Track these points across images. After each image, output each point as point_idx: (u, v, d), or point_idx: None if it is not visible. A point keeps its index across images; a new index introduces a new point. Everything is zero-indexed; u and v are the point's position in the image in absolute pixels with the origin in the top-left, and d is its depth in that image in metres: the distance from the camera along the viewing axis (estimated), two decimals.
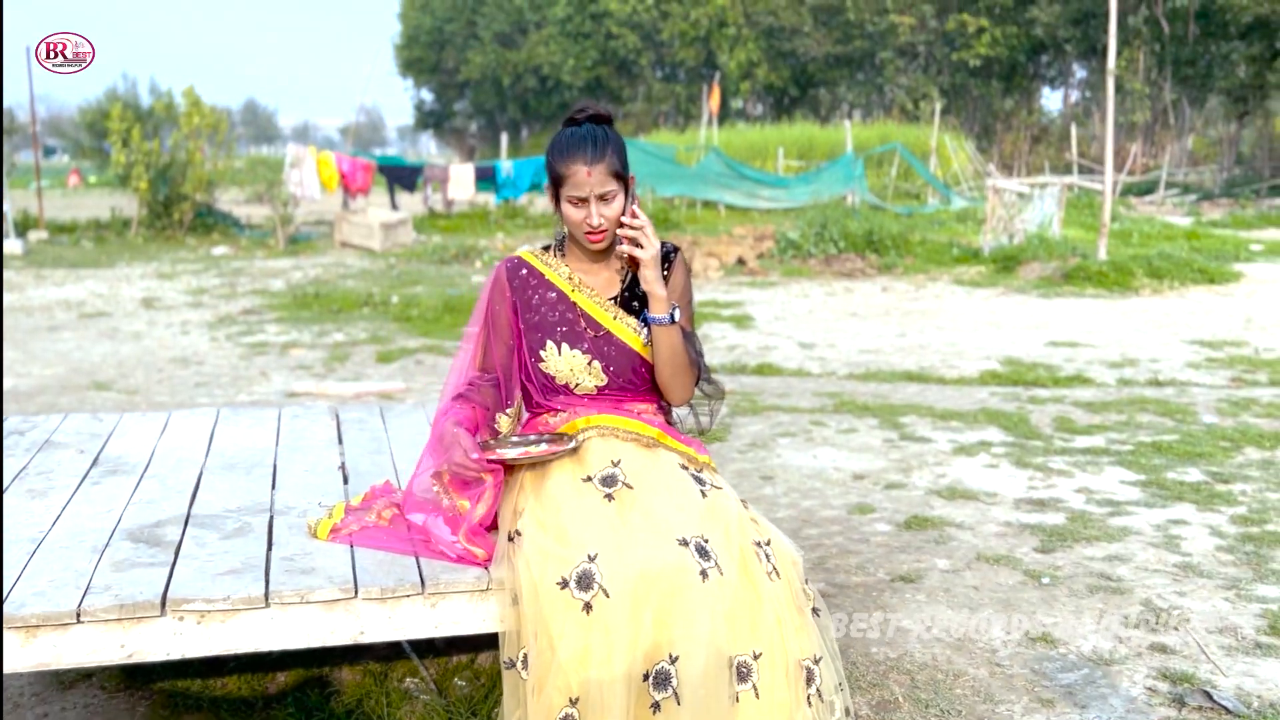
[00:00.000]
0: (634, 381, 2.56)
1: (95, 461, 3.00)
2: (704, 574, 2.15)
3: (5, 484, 2.80)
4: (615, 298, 2.57)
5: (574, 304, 2.54)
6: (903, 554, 4.05)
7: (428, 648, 3.19)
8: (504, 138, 24.67)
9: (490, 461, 2.35)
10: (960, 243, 15.13)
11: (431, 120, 60.21)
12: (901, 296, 11.48)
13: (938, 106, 26.86)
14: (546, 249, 2.63)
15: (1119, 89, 30.17)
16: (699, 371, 2.59)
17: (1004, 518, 4.45)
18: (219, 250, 16.60)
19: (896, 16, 35.65)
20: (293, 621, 2.13)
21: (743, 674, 2.14)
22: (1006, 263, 13.11)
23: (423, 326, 9.58)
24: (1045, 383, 7.14)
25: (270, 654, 2.78)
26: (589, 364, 2.52)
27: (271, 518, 2.55)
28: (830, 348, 8.53)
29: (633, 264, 2.48)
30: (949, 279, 12.67)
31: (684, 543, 2.18)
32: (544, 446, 2.41)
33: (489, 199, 20.79)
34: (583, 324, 2.53)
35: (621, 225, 2.43)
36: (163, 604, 2.06)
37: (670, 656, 2.08)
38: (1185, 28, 29.79)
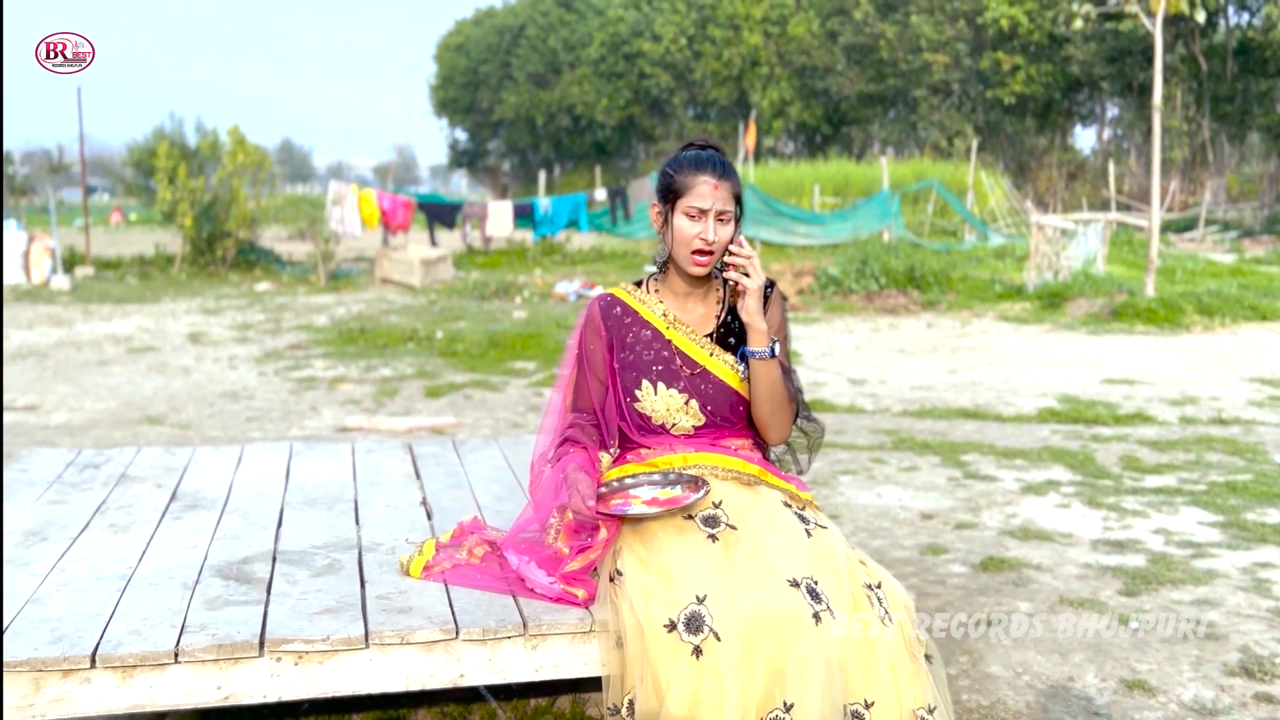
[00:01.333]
0: (731, 419, 2.49)
1: (174, 496, 2.95)
2: (816, 617, 2.06)
3: (87, 519, 2.76)
4: (711, 334, 2.50)
5: (669, 342, 2.48)
6: (982, 596, 3.94)
7: (503, 689, 3.10)
8: (542, 175, 24.79)
9: (604, 514, 2.26)
10: (1002, 279, 14.99)
11: (465, 159, 60.75)
12: (948, 333, 11.36)
13: (974, 144, 26.78)
14: (638, 284, 2.57)
15: None
16: (797, 408, 2.52)
17: (1083, 559, 4.32)
18: (261, 286, 16.72)
19: (930, 55, 35.68)
20: (392, 664, 2.06)
21: None
22: (1052, 299, 12.96)
23: (468, 362, 9.55)
24: (1106, 421, 7.00)
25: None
26: (686, 403, 2.45)
27: (360, 554, 2.49)
28: (881, 384, 8.42)
29: (736, 295, 2.41)
30: (994, 315, 12.54)
31: (795, 584, 2.10)
32: (677, 490, 2.29)
33: (526, 236, 20.87)
34: (679, 362, 2.46)
35: (730, 254, 2.37)
36: (260, 644, 2.00)
37: (785, 704, 1.99)
38: (1223, 65, 29.63)
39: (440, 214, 19.82)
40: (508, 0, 54.43)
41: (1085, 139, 41.17)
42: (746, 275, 2.36)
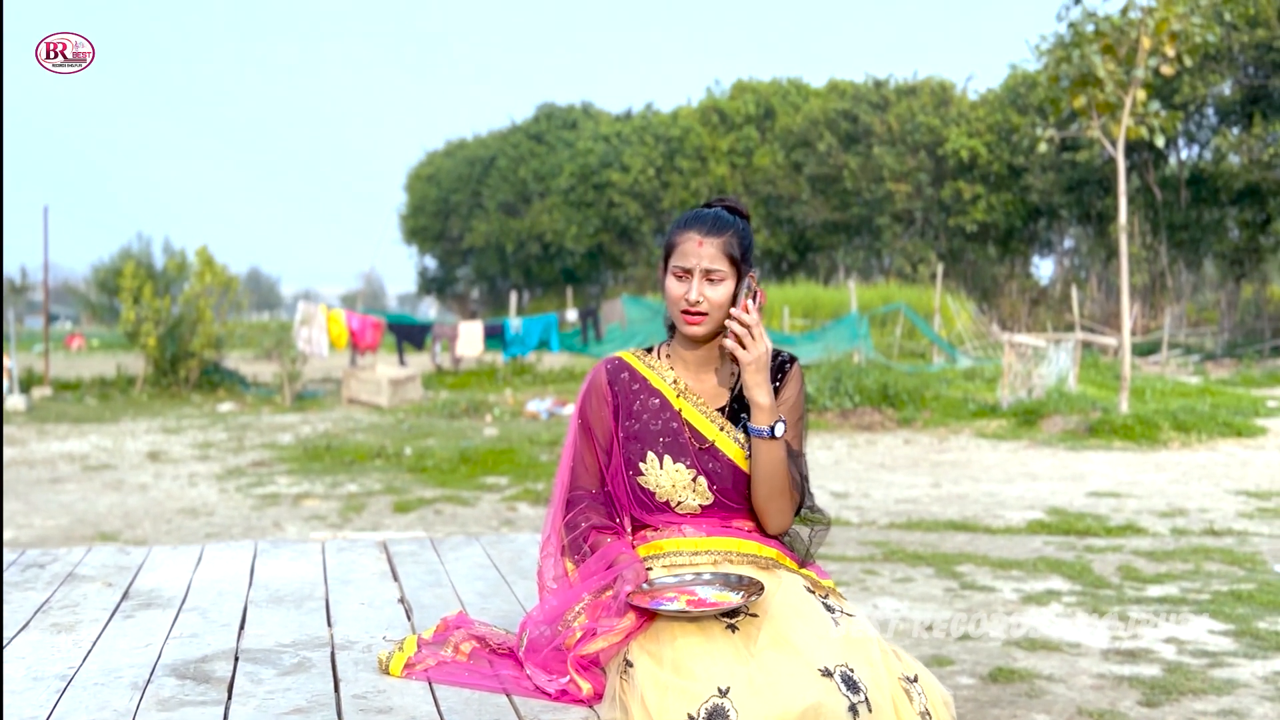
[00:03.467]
0: (739, 501, 2.28)
1: (126, 595, 2.69)
2: (854, 710, 1.83)
3: (27, 618, 2.48)
4: (723, 408, 2.30)
5: (678, 412, 2.28)
6: (995, 709, 3.69)
7: None
8: (513, 297, 24.84)
9: (636, 607, 2.01)
10: (975, 398, 14.94)
11: (434, 286, 61.03)
12: (926, 449, 11.22)
13: (939, 270, 27.22)
14: (649, 350, 2.38)
15: (1114, 253, 30.68)
16: (801, 497, 2.31)
17: (1095, 669, 4.09)
18: (225, 407, 16.39)
19: (892, 185, 36.53)
20: None
21: None
22: (1027, 416, 12.90)
23: (439, 477, 9.27)
24: (1097, 532, 6.82)
25: None
26: (693, 480, 2.24)
27: (333, 652, 2.23)
28: (865, 498, 8.22)
29: (734, 361, 2.22)
30: (970, 432, 12.44)
31: (827, 673, 1.87)
32: (734, 597, 2.02)
33: (496, 357, 20.73)
34: (687, 434, 2.26)
35: (729, 318, 2.17)
36: None
37: None
38: (1177, 195, 30.51)
39: (410, 334, 19.66)
40: (478, 132, 55.57)
41: (1044, 268, 41.99)
42: (742, 346, 2.15)
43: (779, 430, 2.19)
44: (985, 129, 34.90)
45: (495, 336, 19.22)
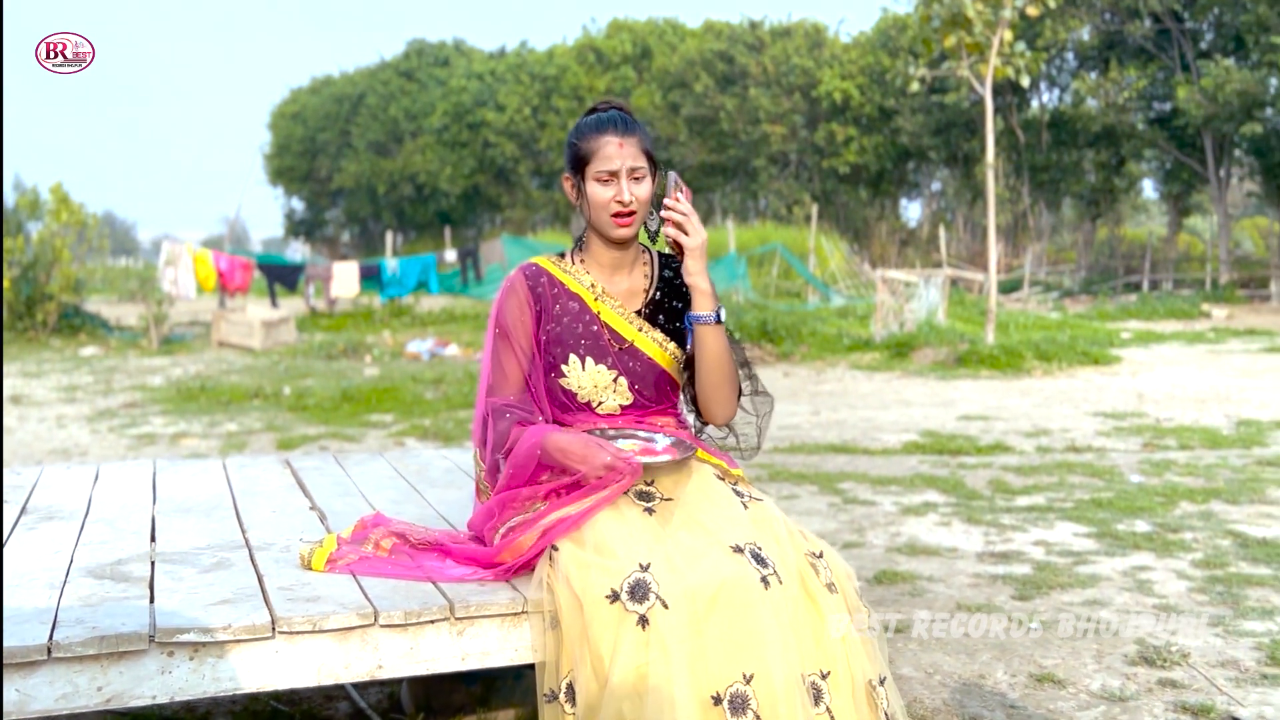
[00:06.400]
0: (657, 399, 2.37)
1: (24, 510, 2.63)
2: (765, 581, 1.94)
3: None
4: (640, 310, 2.37)
5: (596, 315, 2.33)
6: (880, 607, 3.89)
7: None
8: (389, 237, 24.39)
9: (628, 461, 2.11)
10: (850, 333, 15.38)
11: (302, 229, 59.37)
12: (805, 380, 11.54)
13: (814, 211, 27.74)
14: (561, 256, 2.43)
15: (979, 194, 31.75)
16: (739, 384, 2.41)
17: (971, 570, 4.34)
18: (88, 351, 15.75)
19: (768, 126, 36.94)
20: (301, 655, 1.83)
21: (815, 695, 1.93)
22: (899, 349, 13.36)
23: (320, 415, 9.14)
24: (969, 451, 7.16)
25: None
26: (614, 380, 2.31)
27: (251, 553, 2.24)
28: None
29: (677, 250, 2.25)
30: (846, 365, 12.82)
31: (738, 549, 1.98)
32: (665, 454, 2.19)
33: (373, 299, 20.38)
34: (606, 336, 2.32)
35: (665, 210, 2.22)
36: (150, 635, 1.74)
37: (745, 675, 1.85)
38: (1038, 137, 31.67)
39: (281, 275, 19.17)
40: (345, 69, 53.96)
41: (912, 211, 43.27)
42: (685, 232, 2.21)
43: (723, 314, 2.25)
44: (858, 71, 35.50)
45: (371, 278, 18.90)
